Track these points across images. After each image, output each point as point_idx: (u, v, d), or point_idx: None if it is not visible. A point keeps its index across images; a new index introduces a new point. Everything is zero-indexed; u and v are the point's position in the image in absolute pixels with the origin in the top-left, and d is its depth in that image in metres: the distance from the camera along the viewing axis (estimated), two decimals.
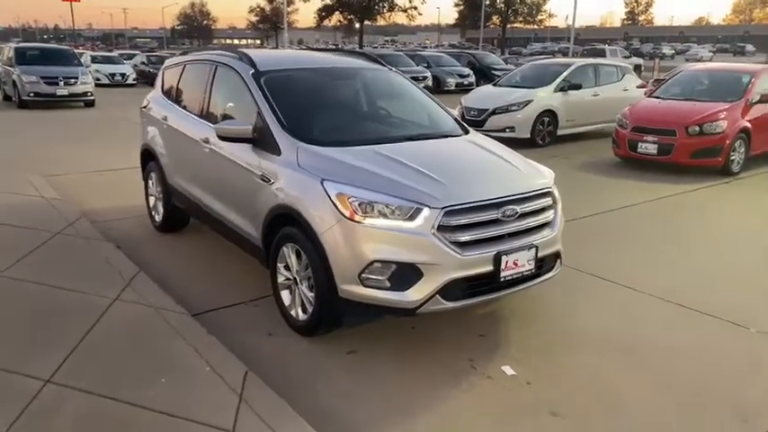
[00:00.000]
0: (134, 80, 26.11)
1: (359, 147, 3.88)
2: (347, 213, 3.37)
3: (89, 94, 17.15)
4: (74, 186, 7.59)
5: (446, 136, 4.47)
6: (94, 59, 27.20)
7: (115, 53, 32.62)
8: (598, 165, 9.74)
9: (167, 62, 6.07)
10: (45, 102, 16.38)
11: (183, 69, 5.51)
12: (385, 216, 3.35)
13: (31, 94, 16.15)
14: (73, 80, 16.75)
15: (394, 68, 5.29)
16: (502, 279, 3.52)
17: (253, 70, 4.42)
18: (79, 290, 4.15)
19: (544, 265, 3.85)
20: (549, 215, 3.87)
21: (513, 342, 3.86)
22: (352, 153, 3.77)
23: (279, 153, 3.90)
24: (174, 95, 5.57)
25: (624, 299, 4.55)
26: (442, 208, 3.34)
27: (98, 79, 25.09)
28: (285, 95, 4.27)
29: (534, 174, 4.04)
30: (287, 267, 3.87)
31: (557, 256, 3.96)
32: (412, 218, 3.33)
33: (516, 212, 3.60)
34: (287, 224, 3.77)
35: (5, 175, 7.69)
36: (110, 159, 9.32)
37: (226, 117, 4.61)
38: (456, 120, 4.85)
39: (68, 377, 3.08)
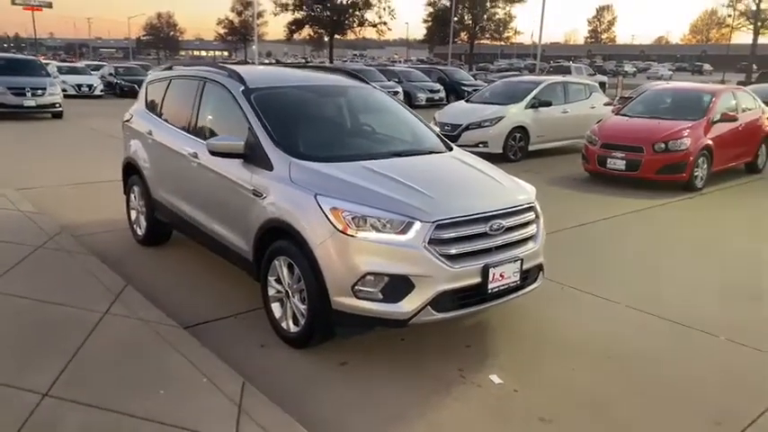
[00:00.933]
0: (101, 91, 25.72)
1: (350, 162, 4.00)
2: (341, 227, 3.47)
3: (57, 105, 16.88)
4: (49, 200, 7.50)
5: (431, 152, 4.62)
6: (61, 70, 26.73)
7: (82, 64, 32.06)
8: (569, 180, 10.05)
9: (151, 76, 6.10)
10: (12, 113, 16.06)
11: (169, 84, 5.54)
12: (377, 230, 3.46)
13: None
14: (40, 91, 16.49)
15: (377, 86, 5.43)
16: (490, 291, 3.66)
17: (243, 87, 4.50)
18: (68, 304, 4.14)
19: (528, 277, 4.01)
20: (532, 229, 4.04)
21: (499, 352, 4.00)
22: (344, 168, 3.88)
23: (271, 168, 3.98)
24: (158, 110, 5.60)
25: (603, 309, 4.74)
26: (434, 222, 3.47)
27: (65, 90, 24.62)
28: (275, 112, 4.37)
29: (517, 189, 4.21)
30: (278, 280, 3.95)
31: (540, 268, 4.13)
32: (404, 231, 3.45)
33: (503, 226, 3.75)
34: (279, 238, 3.85)
35: None
36: (83, 172, 9.22)
37: (214, 133, 4.68)
38: (439, 136, 5.01)
39: (67, 390, 3.09)
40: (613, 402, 3.43)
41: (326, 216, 3.52)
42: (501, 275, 3.70)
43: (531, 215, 4.05)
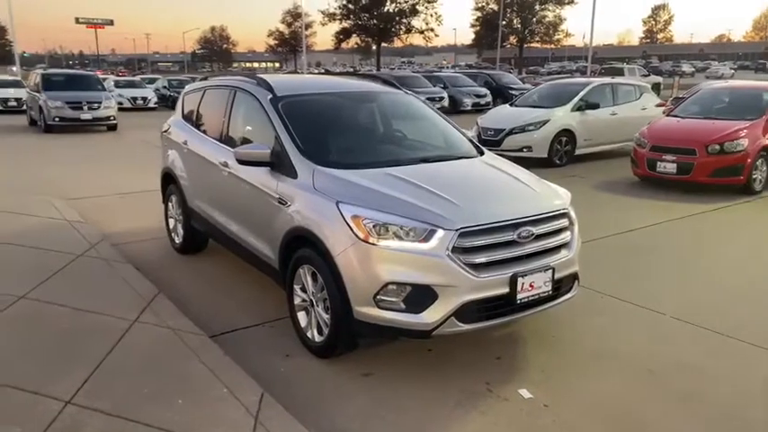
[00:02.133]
0: (155, 104, 26.61)
1: (374, 169, 3.92)
2: (362, 235, 3.39)
3: (112, 118, 17.53)
4: (96, 209, 7.74)
5: (461, 158, 4.49)
6: (117, 84, 27.83)
7: (137, 77, 33.28)
8: (616, 184, 9.68)
9: (187, 87, 6.21)
10: (69, 126, 16.76)
11: (203, 94, 5.62)
12: (399, 238, 3.37)
13: (56, 119, 16.54)
14: (96, 105, 17.14)
15: (409, 91, 5.35)
16: (518, 301, 3.51)
17: (271, 95, 4.50)
18: (100, 311, 4.21)
19: (561, 286, 3.83)
20: (565, 236, 3.85)
21: (530, 364, 3.83)
22: (367, 175, 3.81)
23: (295, 176, 3.95)
24: (194, 120, 5.68)
25: (645, 321, 4.49)
26: (457, 229, 3.35)
27: (120, 103, 25.63)
28: (302, 120, 4.34)
29: (550, 194, 4.04)
30: (303, 289, 3.90)
31: (574, 277, 3.94)
32: (426, 239, 3.34)
33: (532, 234, 3.59)
34: (303, 246, 3.81)
35: (30, 198, 7.87)
36: (130, 182, 9.49)
37: (244, 141, 4.69)
38: (471, 141, 4.88)
39: (89, 398, 3.12)
40: (653, 421, 3.22)
41: (348, 224, 3.45)
42: (531, 285, 3.54)
43: (564, 221, 3.87)
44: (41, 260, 5.30)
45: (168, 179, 6.02)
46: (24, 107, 20.08)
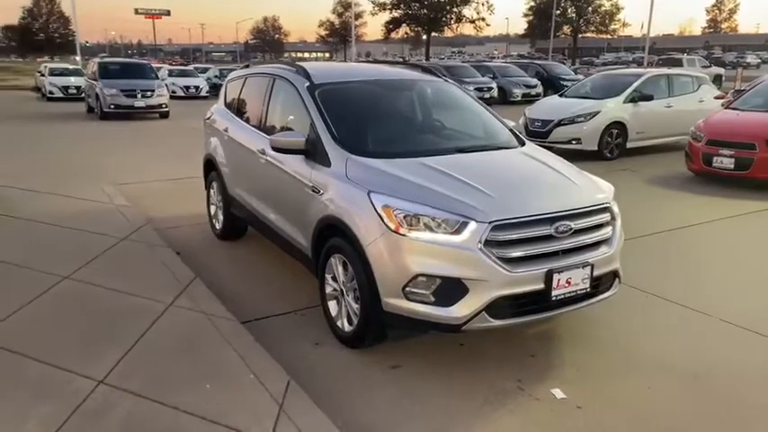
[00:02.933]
0: (207, 92, 27.16)
1: (408, 159, 3.85)
2: (392, 226, 3.33)
3: (164, 105, 17.99)
4: (143, 194, 7.94)
5: (499, 148, 4.37)
6: (171, 73, 28.54)
7: (190, 67, 34.02)
8: (669, 179, 9.29)
9: (230, 75, 6.26)
10: (124, 113, 17.29)
11: (245, 82, 5.65)
12: (430, 229, 3.29)
13: (112, 106, 17.09)
14: (149, 93, 17.63)
15: (450, 79, 5.23)
16: (553, 298, 3.39)
17: (308, 83, 4.48)
18: (138, 294, 4.31)
19: (601, 284, 3.68)
20: (606, 232, 3.70)
21: (565, 363, 3.70)
22: (401, 165, 3.74)
23: (329, 164, 3.92)
24: (235, 107, 5.73)
25: (692, 323, 4.28)
26: (490, 222, 3.25)
27: (174, 92, 26.31)
28: (338, 108, 4.31)
29: (591, 188, 3.88)
30: (334, 278, 3.88)
31: (615, 274, 3.77)
32: (458, 231, 3.25)
33: (570, 228, 3.46)
34: (335, 235, 3.78)
35: (82, 183, 8.14)
36: (178, 168, 9.68)
37: (282, 129, 4.68)
38: (512, 131, 4.74)
39: (121, 379, 3.19)
40: (695, 429, 3.05)
41: (378, 214, 3.40)
42: (567, 282, 3.41)
43: (605, 216, 3.71)
44: (87, 242, 5.46)
45: (210, 166, 6.10)
46: (83, 95, 20.84)
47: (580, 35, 66.05)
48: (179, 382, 3.19)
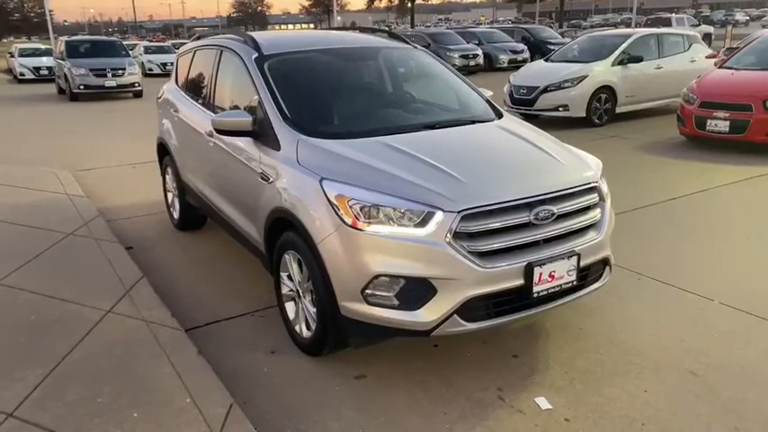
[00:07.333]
0: None
1: (368, 139, 3.36)
2: (348, 219, 2.86)
3: (136, 84, 17.27)
4: (103, 181, 7.42)
5: (474, 122, 3.88)
6: (147, 50, 27.60)
7: (168, 43, 32.98)
8: (662, 145, 8.84)
9: (181, 49, 5.68)
10: (95, 94, 16.57)
11: (194, 57, 5.10)
12: (391, 222, 2.83)
13: (81, 87, 16.36)
14: (120, 71, 16.90)
15: (419, 46, 4.70)
16: (535, 295, 2.94)
17: (256, 54, 3.95)
18: (74, 300, 3.83)
19: (589, 274, 3.24)
20: (594, 215, 3.24)
21: (552, 365, 3.27)
22: (359, 146, 3.25)
23: (278, 148, 3.42)
24: (184, 85, 5.19)
25: (690, 308, 3.87)
26: (459, 211, 2.78)
27: (150, 69, 25.49)
28: (290, 82, 3.79)
29: (577, 165, 3.40)
30: (290, 277, 3.42)
31: (605, 262, 3.33)
32: (423, 223, 2.79)
33: (553, 214, 3.00)
34: (288, 229, 3.31)
35: (35, 170, 7.59)
36: (145, 152, 9.06)
37: (231, 108, 4.17)
38: (489, 102, 4.24)
39: (34, 410, 2.73)
40: None
41: (332, 205, 2.92)
42: (551, 275, 2.97)
43: (593, 197, 3.25)
44: (28, 239, 4.96)
45: (163, 150, 5.58)
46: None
47: None
48: (102, 409, 2.74)
